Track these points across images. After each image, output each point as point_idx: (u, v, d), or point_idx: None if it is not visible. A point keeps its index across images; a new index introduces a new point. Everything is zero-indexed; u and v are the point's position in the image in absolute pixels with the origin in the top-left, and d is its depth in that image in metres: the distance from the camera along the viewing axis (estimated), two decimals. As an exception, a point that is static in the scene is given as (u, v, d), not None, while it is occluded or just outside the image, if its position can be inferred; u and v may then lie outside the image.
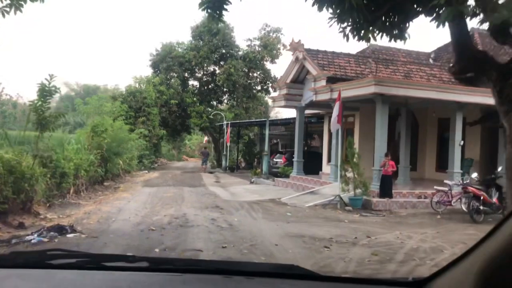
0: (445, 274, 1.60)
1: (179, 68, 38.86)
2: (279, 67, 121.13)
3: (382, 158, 15.42)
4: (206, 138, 55.42)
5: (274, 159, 26.89)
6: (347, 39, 12.61)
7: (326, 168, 23.35)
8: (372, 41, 9.56)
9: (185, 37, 69.46)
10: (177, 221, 11.22)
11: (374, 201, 14.83)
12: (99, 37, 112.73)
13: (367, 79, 15.48)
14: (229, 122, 34.53)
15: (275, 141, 42.31)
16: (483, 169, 18.23)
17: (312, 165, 22.53)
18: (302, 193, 17.14)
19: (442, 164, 21.71)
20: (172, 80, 38.68)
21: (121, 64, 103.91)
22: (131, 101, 35.97)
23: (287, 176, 22.42)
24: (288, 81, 20.15)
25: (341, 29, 12.47)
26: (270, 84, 41.15)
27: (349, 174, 15.35)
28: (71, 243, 8.40)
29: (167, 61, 38.87)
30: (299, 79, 20.22)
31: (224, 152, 35.53)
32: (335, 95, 16.67)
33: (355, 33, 12.60)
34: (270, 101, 41.91)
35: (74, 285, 1.80)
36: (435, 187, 14.80)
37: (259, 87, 41.85)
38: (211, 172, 33.41)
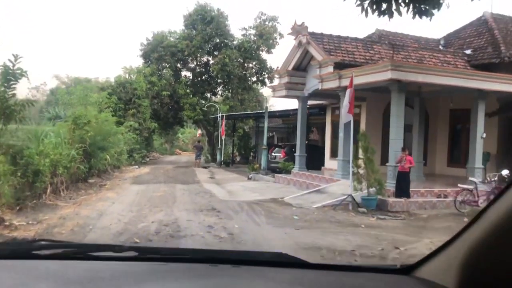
0: (431, 261, 1.61)
1: (171, 58, 36.86)
2: (276, 57, 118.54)
3: (398, 153, 13.65)
4: (199, 131, 53.58)
5: (273, 153, 25.06)
6: (366, 14, 10.79)
7: (329, 163, 21.60)
8: (379, 27, 7.76)
9: (177, 26, 66.92)
10: (166, 229, 9.36)
11: (390, 201, 13.06)
12: (90, 28, 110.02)
13: (382, 64, 13.67)
14: (224, 114, 32.64)
15: (270, 134, 40.49)
16: (502, 164, 16.51)
17: (313, 160, 20.79)
18: (307, 192, 15.34)
19: (455, 159, 20.04)
20: (164, 71, 36.71)
21: (113, 56, 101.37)
22: (121, 92, 33.96)
23: (288, 172, 20.61)
24: (289, 68, 18.29)
25: (359, 2, 10.71)
26: (266, 75, 39.27)
27: (361, 171, 13.57)
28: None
29: (158, 51, 36.85)
30: (302, 66, 18.38)
31: (219, 146, 33.64)
32: (344, 82, 14.85)
33: (375, 7, 10.86)
34: (265, 93, 40.28)
35: (60, 275, 1.76)
36: (459, 185, 13.04)
37: (254, 78, 39.94)
38: (205, 167, 31.54)
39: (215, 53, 38.17)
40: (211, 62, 39.03)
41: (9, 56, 10.07)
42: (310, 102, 22.79)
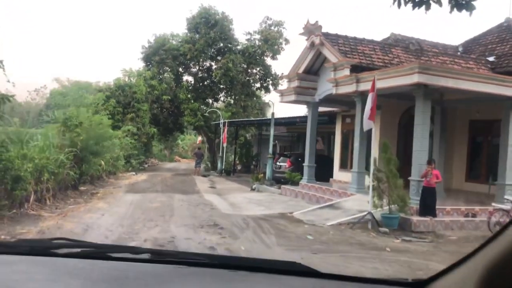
0: (446, 276, 1.57)
1: (173, 61, 35.48)
2: (281, 63, 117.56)
3: (423, 166, 12.16)
4: (200, 138, 52.19)
5: (278, 163, 23.58)
6: (399, 5, 9.38)
7: (338, 175, 20.16)
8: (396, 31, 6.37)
9: (180, 29, 65.54)
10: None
11: (413, 220, 11.56)
12: (92, 32, 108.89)
13: (409, 66, 12.19)
14: (227, 120, 31.19)
15: (273, 142, 39.06)
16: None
17: (321, 171, 19.35)
18: (318, 207, 13.82)
19: (474, 174, 18.57)
20: (165, 75, 35.31)
21: (115, 60, 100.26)
22: (120, 95, 32.57)
23: (294, 183, 19.12)
24: (300, 71, 16.84)
25: (392, -8, 9.30)
26: (270, 82, 37.88)
27: (374, 184, 12.07)
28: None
29: (160, 54, 35.47)
30: (313, 69, 16.94)
31: (220, 154, 32.14)
32: (362, 86, 13.42)
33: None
34: (268, 100, 38.74)
35: (80, 273, 1.78)
36: (493, 204, 11.56)
37: (258, 85, 38.52)
38: (205, 176, 30.05)
39: (218, 58, 36.83)
40: (214, 67, 37.68)
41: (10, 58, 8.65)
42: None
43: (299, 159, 23.41)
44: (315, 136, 17.56)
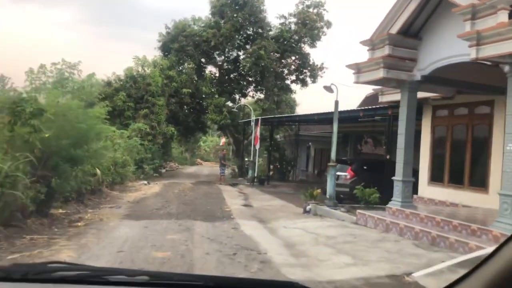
0: (459, 285, 1.46)
1: (195, 49, 29.44)
2: (320, 52, 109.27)
3: None
4: (223, 139, 46.17)
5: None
6: None
7: (427, 190, 13.83)
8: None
9: (203, 13, 59.18)
10: None
11: None
12: (103, 24, 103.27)
13: None
14: (260, 118, 24.98)
15: (306, 145, 32.82)
16: None
17: (381, 182, 13.23)
18: (456, 262, 7.42)
19: None
20: (185, 64, 29.23)
21: (128, 53, 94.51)
22: (131, 88, 26.70)
23: (371, 204, 12.80)
24: (393, 31, 10.46)
25: None
26: (308, 73, 31.56)
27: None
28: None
29: (179, 41, 29.49)
30: (412, 30, 10.56)
31: (251, 158, 25.98)
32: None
33: None
34: (301, 95, 32.37)
35: None
36: None
37: (293, 77, 32.23)
38: (233, 185, 23.89)
39: (247, 46, 30.67)
40: (242, 57, 31.58)
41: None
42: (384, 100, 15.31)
43: (364, 167, 17.07)
44: (413, 133, 11.14)
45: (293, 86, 32.92)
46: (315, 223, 11.65)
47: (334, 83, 14.06)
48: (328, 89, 13.99)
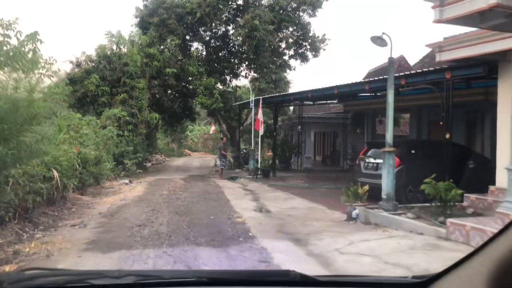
0: (451, 274, 1.49)
1: (178, 23, 24.91)
2: (321, 21, 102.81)
3: None
4: (213, 127, 41.79)
5: (365, 160, 13.16)
6: None
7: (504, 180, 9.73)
8: None
9: None
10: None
11: None
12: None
13: None
14: (262, 97, 20.69)
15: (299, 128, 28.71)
16: None
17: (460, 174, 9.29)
18: None
19: None
20: (168, 41, 24.66)
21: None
22: (105, 69, 22.15)
23: (445, 201, 8.69)
24: None
25: None
26: (308, 47, 27.27)
27: None
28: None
29: (159, 14, 24.93)
30: None
31: (252, 146, 21.72)
32: None
33: None
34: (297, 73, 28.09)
35: None
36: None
37: (291, 52, 27.89)
38: (232, 179, 19.70)
39: (238, 20, 26.18)
40: (232, 32, 27.18)
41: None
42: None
43: (412, 151, 12.98)
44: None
45: (292, 62, 28.67)
46: (384, 242, 7.48)
47: (386, 33, 9.82)
48: (378, 40, 9.74)
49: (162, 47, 25.21)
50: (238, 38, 24.76)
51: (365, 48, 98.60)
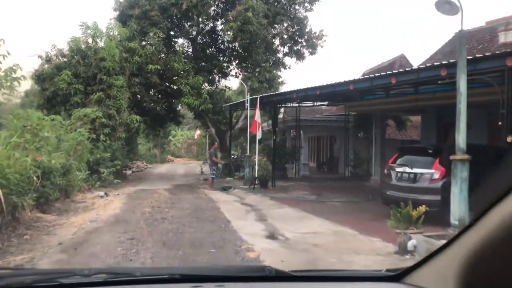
0: (424, 267, 1.50)
1: (161, 15, 22.10)
2: (319, 16, 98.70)
3: None
4: (198, 132, 38.99)
5: (395, 168, 10.52)
6: None
7: None
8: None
9: None
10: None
11: None
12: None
13: None
14: (258, 96, 17.93)
15: (293, 132, 26.20)
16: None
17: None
18: None
19: None
20: (151, 34, 21.77)
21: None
22: (78, 65, 19.22)
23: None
24: None
25: None
26: (304, 43, 24.72)
27: None
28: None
29: (141, 6, 22.10)
30: None
31: (248, 153, 18.95)
32: None
33: None
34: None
35: None
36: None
37: (286, 49, 25.26)
38: (225, 189, 16.99)
39: (228, 13, 23.45)
40: (220, 27, 24.56)
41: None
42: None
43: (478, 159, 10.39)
44: None
45: (287, 61, 26.06)
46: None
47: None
48: (445, 6, 7.13)
49: (144, 43, 22.34)
50: (228, 32, 22.10)
51: (363, 48, 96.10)
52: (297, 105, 20.90)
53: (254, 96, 18.01)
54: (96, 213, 11.33)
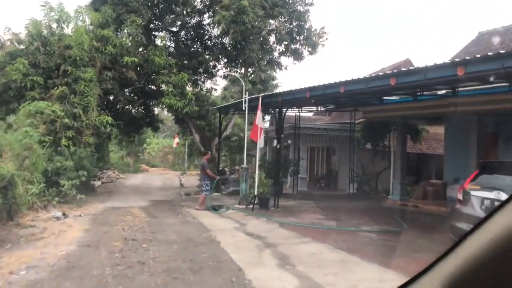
0: None
1: (140, 3, 18.61)
2: (318, 12, 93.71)
3: None
4: (176, 140, 35.40)
5: (473, 190, 7.37)
6: None
7: None
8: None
9: None
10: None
11: None
12: None
13: None
14: (261, 95, 14.53)
15: (289, 142, 23.00)
16: None
17: None
18: None
19: None
20: (128, 22, 18.20)
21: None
22: (38, 53, 15.53)
23: None
24: None
25: None
26: (303, 41, 21.53)
27: None
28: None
29: (117, -11, 18.57)
30: None
31: (244, 165, 15.47)
32: None
33: None
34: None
35: None
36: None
37: (282, 47, 22.01)
38: (215, 209, 13.55)
39: (215, 7, 20.09)
40: (207, 21, 21.27)
41: None
42: None
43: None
44: None
45: (283, 61, 22.85)
46: None
47: None
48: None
49: (120, 34, 18.76)
50: (219, 25, 18.67)
51: (365, 48, 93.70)
52: (299, 110, 17.61)
53: (255, 96, 14.63)
54: (42, 249, 7.71)
